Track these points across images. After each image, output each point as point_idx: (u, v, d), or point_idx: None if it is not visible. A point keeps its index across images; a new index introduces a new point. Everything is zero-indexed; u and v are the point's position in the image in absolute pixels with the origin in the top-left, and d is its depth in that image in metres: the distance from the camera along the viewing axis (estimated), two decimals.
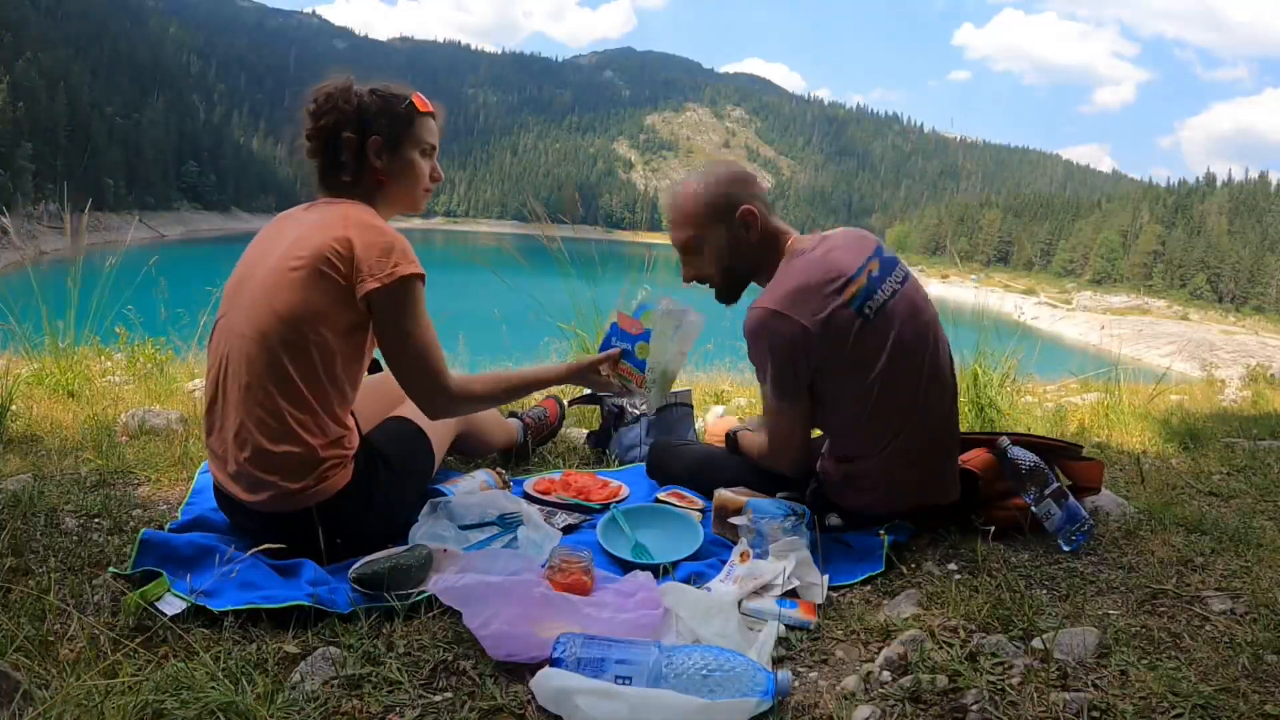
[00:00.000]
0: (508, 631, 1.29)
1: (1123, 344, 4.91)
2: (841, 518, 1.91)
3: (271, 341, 1.56)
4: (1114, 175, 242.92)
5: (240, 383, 1.58)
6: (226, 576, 1.47)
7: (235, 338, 1.61)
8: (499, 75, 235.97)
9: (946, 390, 1.91)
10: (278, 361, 1.56)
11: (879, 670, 1.28)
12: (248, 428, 1.57)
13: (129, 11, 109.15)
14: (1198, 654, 1.32)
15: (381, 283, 1.57)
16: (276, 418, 1.57)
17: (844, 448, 1.90)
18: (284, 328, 1.56)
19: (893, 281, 1.82)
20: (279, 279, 1.59)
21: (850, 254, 1.81)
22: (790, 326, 1.72)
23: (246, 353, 1.58)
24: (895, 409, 1.81)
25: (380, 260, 1.58)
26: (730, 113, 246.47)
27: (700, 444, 2.28)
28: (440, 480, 2.07)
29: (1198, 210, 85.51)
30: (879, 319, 1.77)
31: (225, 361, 1.62)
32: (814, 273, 1.76)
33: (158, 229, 62.78)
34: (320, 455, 1.61)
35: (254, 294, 1.61)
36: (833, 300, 1.73)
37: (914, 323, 1.82)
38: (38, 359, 3.31)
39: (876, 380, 1.77)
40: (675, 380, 2.06)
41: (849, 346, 1.75)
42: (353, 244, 1.58)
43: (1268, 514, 2.13)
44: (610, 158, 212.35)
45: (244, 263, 1.71)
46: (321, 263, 1.57)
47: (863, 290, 1.76)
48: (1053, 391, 4.68)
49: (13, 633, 1.25)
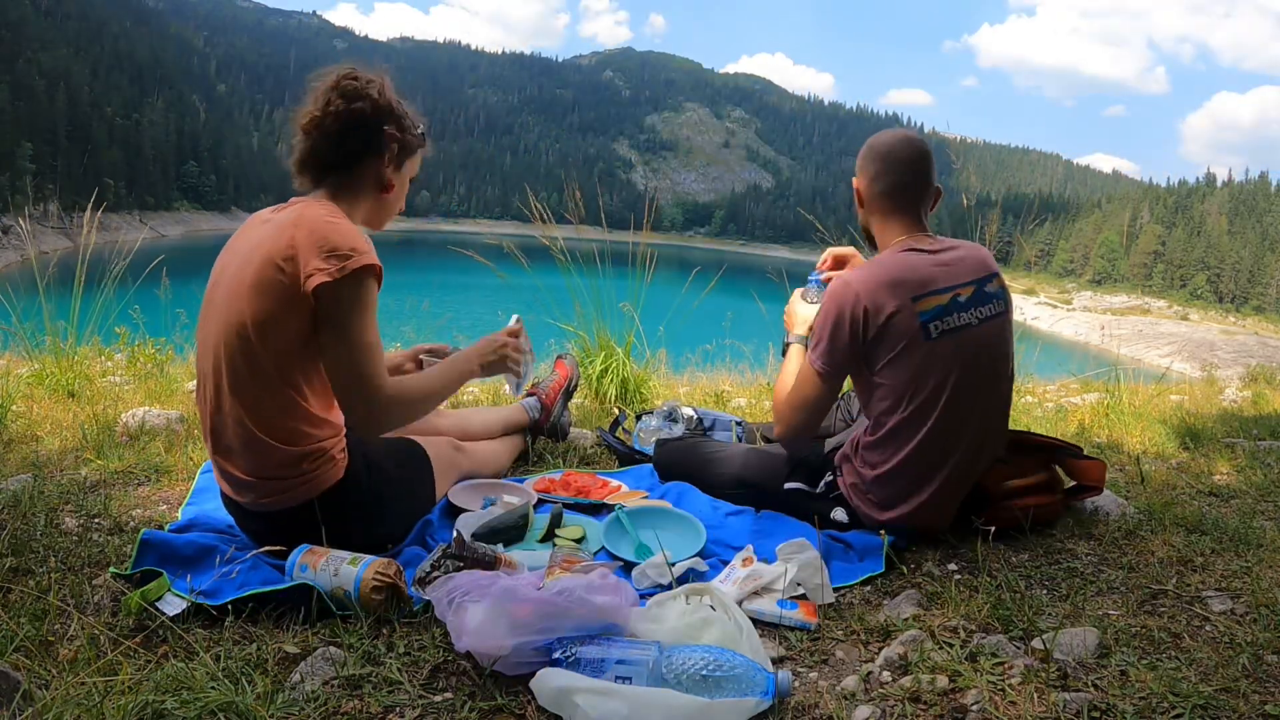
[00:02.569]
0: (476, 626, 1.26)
1: (1122, 344, 4.91)
2: (847, 516, 1.92)
3: (232, 352, 1.56)
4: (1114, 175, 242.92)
5: (212, 391, 1.60)
6: (226, 576, 1.48)
7: (206, 348, 1.62)
8: (499, 75, 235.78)
9: (986, 445, 1.88)
10: (238, 371, 1.56)
11: (879, 670, 1.28)
12: (226, 432, 1.60)
13: (129, 11, 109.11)
14: (1198, 654, 1.32)
15: (331, 276, 1.50)
16: (243, 425, 1.57)
17: (873, 451, 1.88)
18: (238, 340, 1.55)
19: (976, 312, 1.82)
20: (236, 289, 1.57)
21: (954, 271, 1.82)
22: (855, 307, 1.77)
23: (214, 363, 1.59)
24: (932, 434, 1.79)
25: (330, 254, 1.51)
26: (730, 113, 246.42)
27: (708, 444, 2.29)
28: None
29: (1198, 210, 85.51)
30: (942, 340, 1.77)
31: (201, 374, 1.64)
32: (905, 272, 1.80)
33: (158, 229, 62.74)
34: (295, 459, 1.61)
35: (218, 305, 1.61)
36: (906, 305, 1.76)
37: (979, 361, 1.81)
38: (38, 359, 3.31)
39: (920, 396, 1.77)
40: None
41: (899, 351, 1.76)
42: (297, 242, 1.53)
43: (1268, 514, 2.13)
44: (610, 158, 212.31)
45: (214, 271, 1.67)
46: (270, 268, 1.53)
47: (939, 308, 1.77)
48: (1053, 391, 4.69)
49: (13, 633, 1.26)
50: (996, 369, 1.87)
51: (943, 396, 1.77)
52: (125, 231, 4.90)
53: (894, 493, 1.84)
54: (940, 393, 1.77)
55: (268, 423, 1.58)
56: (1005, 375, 1.91)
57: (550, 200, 3.96)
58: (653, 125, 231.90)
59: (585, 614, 1.27)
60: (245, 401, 1.57)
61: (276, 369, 1.56)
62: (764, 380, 4.16)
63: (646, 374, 3.57)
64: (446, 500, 2.00)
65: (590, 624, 1.27)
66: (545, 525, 1.89)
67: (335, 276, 1.50)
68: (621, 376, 3.42)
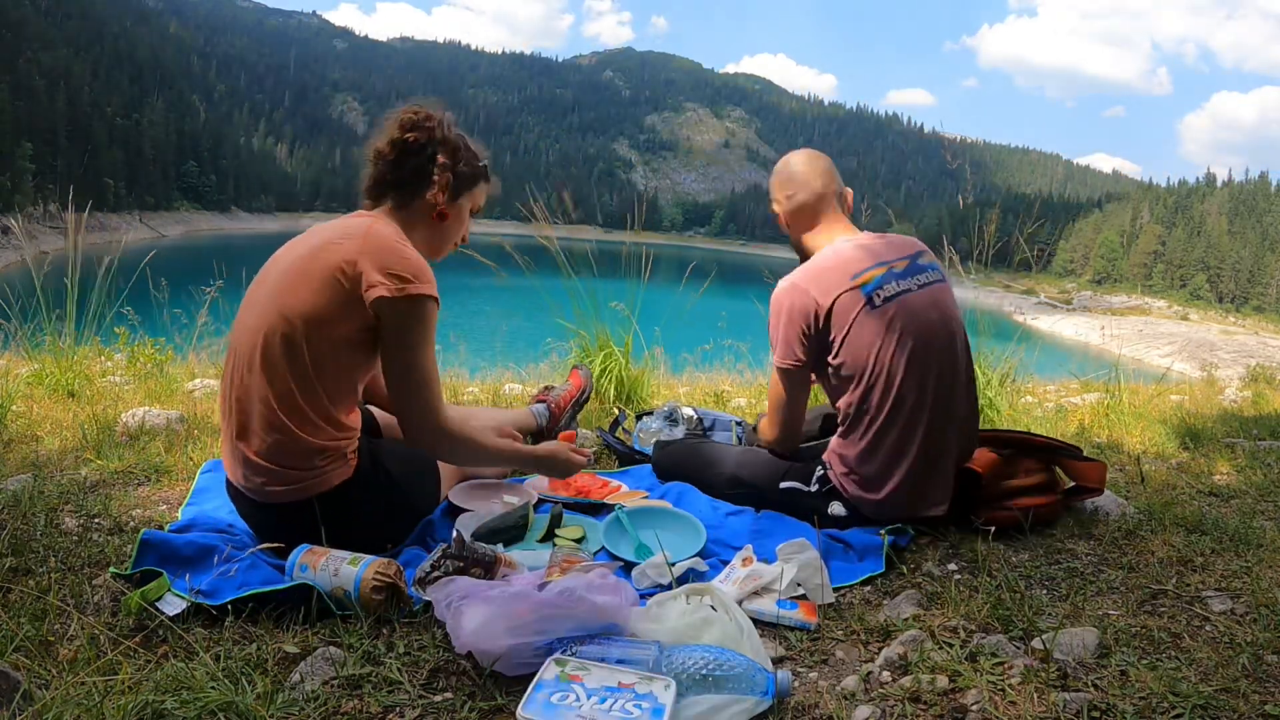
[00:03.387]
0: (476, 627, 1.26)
1: (1122, 344, 4.91)
2: (845, 509, 1.92)
3: (272, 338, 1.60)
4: (1114, 176, 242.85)
5: (242, 375, 1.63)
6: (226, 576, 1.48)
7: (245, 332, 1.65)
8: (499, 75, 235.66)
9: (958, 393, 1.93)
10: (274, 357, 1.60)
11: (879, 670, 1.28)
12: (250, 413, 1.62)
13: (129, 11, 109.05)
14: (1198, 654, 1.32)
15: (392, 293, 1.58)
16: (269, 406, 1.60)
17: (850, 433, 1.93)
18: (284, 326, 1.59)
19: (914, 280, 1.93)
20: (289, 281, 1.63)
21: (883, 249, 1.96)
22: (803, 299, 1.90)
23: (251, 347, 1.62)
24: (899, 399, 1.85)
25: (393, 273, 1.59)
26: (730, 113, 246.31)
27: (705, 446, 2.29)
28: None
29: (1198, 210, 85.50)
30: (886, 307, 1.87)
31: (235, 355, 1.67)
32: (838, 259, 1.94)
33: (158, 229, 62.79)
34: (310, 451, 1.63)
35: (268, 293, 1.65)
36: (845, 284, 1.89)
37: (926, 320, 1.89)
38: (38, 359, 3.31)
39: (877, 365, 1.85)
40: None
41: (850, 327, 1.87)
42: (364, 254, 1.60)
43: (1268, 514, 2.13)
44: (610, 158, 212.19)
45: (268, 265, 1.74)
46: (332, 268, 1.60)
47: (877, 280, 1.89)
48: (1053, 392, 4.68)
49: (13, 633, 1.25)
50: (949, 328, 1.95)
51: (902, 359, 1.86)
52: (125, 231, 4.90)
53: (879, 467, 1.88)
54: (899, 357, 1.86)
55: (293, 411, 1.61)
56: (958, 334, 1.98)
57: (550, 200, 3.96)
58: (653, 125, 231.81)
59: (585, 613, 1.27)
60: (276, 389, 1.60)
61: (314, 365, 1.60)
62: (763, 380, 4.16)
63: (645, 374, 3.57)
64: (447, 500, 2.00)
65: (590, 623, 1.27)
66: (545, 525, 1.89)
67: (395, 294, 1.58)
68: (620, 376, 3.42)
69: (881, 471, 1.88)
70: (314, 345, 1.60)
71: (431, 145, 1.76)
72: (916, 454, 1.86)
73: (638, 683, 1.15)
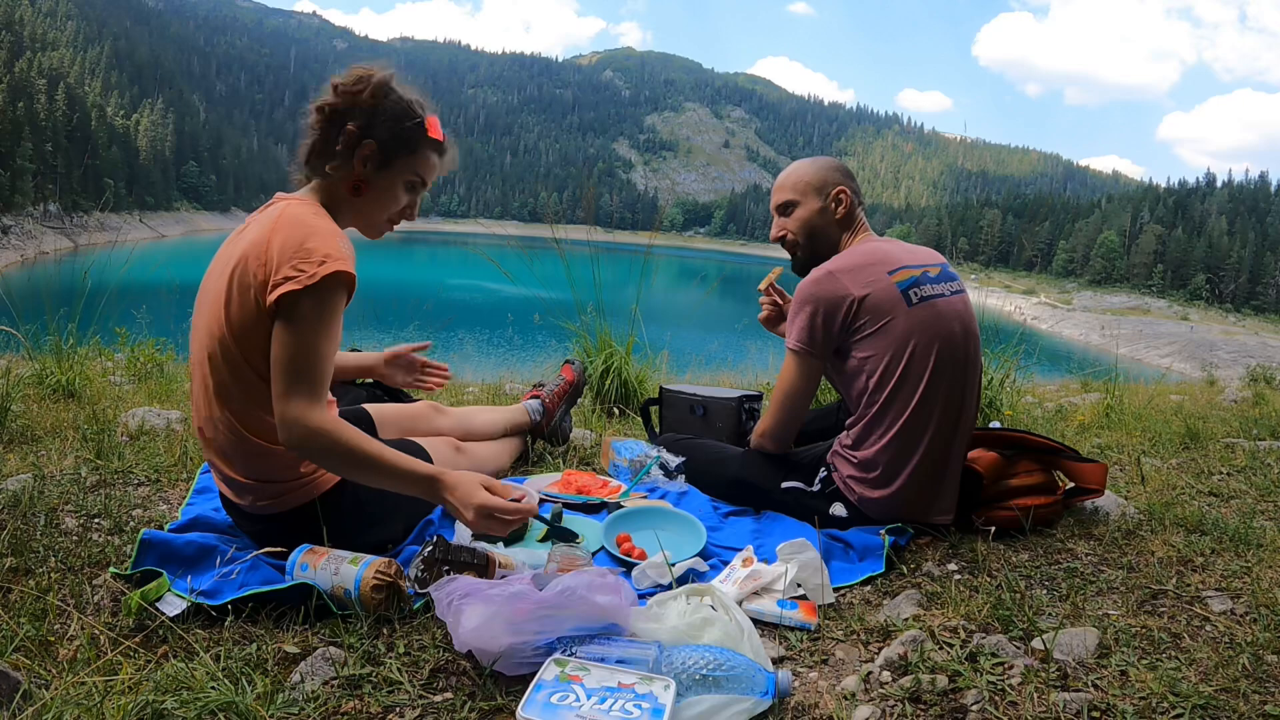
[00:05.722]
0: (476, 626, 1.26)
1: (1123, 344, 4.91)
2: (846, 510, 1.92)
3: (215, 362, 1.54)
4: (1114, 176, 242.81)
5: (199, 404, 1.60)
6: (226, 577, 1.48)
7: (194, 362, 1.61)
8: (499, 75, 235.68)
9: (966, 411, 1.93)
10: (222, 379, 1.54)
11: (879, 670, 1.28)
12: (219, 437, 1.59)
13: (129, 11, 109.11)
14: (1198, 654, 1.32)
15: (300, 284, 1.43)
16: (235, 431, 1.56)
17: (859, 432, 1.91)
18: (219, 347, 1.53)
19: (947, 286, 1.95)
20: (211, 302, 1.55)
21: (913, 254, 1.98)
22: (838, 288, 1.89)
23: (202, 375, 1.58)
24: (916, 401, 1.84)
25: (298, 259, 1.44)
26: (730, 113, 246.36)
27: (706, 446, 2.30)
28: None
29: (1198, 210, 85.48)
30: (921, 307, 1.88)
31: (192, 384, 1.63)
32: (874, 255, 1.95)
33: (158, 229, 62.71)
34: (291, 462, 1.60)
35: (203, 311, 1.59)
36: (882, 278, 1.89)
37: (949, 331, 1.90)
38: (38, 359, 3.31)
39: (904, 361, 1.85)
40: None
41: (884, 321, 1.86)
42: (273, 246, 1.47)
43: (1268, 514, 2.13)
44: (610, 158, 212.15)
45: (206, 275, 1.63)
46: (247, 274, 1.49)
47: (913, 278, 1.90)
48: (1053, 391, 4.68)
49: (13, 632, 1.26)
50: (968, 343, 1.95)
51: (928, 363, 1.85)
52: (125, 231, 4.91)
53: (885, 467, 1.87)
54: (925, 360, 1.85)
55: (260, 428, 1.56)
56: (974, 350, 1.97)
57: (551, 200, 3.96)
58: (653, 125, 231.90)
59: (586, 612, 1.27)
60: (233, 408, 1.55)
61: (262, 377, 1.50)
62: (763, 381, 4.16)
63: (647, 373, 3.57)
64: None
65: (591, 623, 1.27)
66: (544, 525, 1.89)
67: (304, 284, 1.43)
68: (623, 376, 3.42)
69: (888, 472, 1.87)
70: (253, 357, 1.51)
71: (354, 114, 1.58)
72: (923, 456, 1.85)
73: (638, 683, 1.15)
